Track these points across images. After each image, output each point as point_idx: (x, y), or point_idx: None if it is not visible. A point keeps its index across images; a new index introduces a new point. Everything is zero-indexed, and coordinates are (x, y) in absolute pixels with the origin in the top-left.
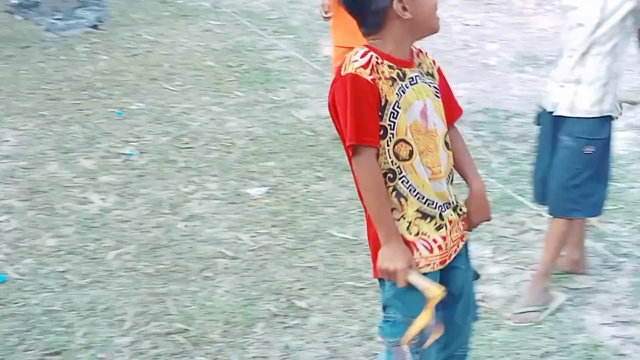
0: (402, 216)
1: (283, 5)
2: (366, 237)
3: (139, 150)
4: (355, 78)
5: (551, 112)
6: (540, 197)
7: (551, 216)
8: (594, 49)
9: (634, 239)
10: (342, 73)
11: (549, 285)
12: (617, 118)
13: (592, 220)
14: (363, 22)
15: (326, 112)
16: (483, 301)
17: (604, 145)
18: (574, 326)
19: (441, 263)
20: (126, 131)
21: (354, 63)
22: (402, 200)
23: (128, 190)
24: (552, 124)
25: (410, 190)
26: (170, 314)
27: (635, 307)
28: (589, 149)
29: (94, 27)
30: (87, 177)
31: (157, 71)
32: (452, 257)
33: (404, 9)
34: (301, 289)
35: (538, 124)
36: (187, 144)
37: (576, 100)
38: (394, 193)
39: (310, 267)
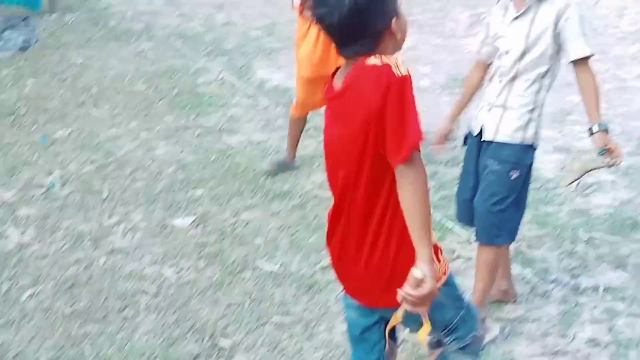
0: None
1: (217, 27)
2: (297, 269)
3: (62, 180)
4: (411, 80)
5: (477, 135)
6: (462, 216)
7: (478, 243)
8: (521, 75)
9: (563, 264)
10: (398, 74)
11: (485, 316)
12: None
13: (522, 247)
14: (360, 43)
15: (258, 137)
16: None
17: (527, 171)
18: (503, 359)
19: None
20: (49, 160)
21: (404, 65)
22: None
23: (48, 224)
24: (477, 147)
25: None
26: (86, 359)
27: (564, 337)
28: (514, 174)
29: (22, 49)
30: (5, 210)
31: (85, 96)
32: None
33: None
34: (226, 326)
35: (464, 144)
36: (112, 172)
37: (501, 124)
38: None
39: (235, 302)
